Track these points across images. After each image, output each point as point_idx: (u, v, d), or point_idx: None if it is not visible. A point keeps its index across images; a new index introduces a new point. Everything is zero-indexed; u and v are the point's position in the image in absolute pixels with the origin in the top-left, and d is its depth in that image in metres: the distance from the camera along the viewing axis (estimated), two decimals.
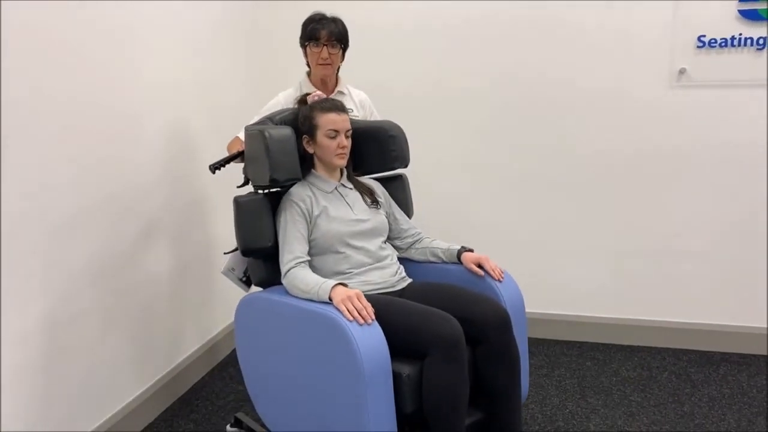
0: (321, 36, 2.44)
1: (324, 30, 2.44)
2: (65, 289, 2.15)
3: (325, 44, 2.45)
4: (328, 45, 2.45)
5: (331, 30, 2.45)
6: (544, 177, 3.20)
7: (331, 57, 2.47)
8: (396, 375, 1.80)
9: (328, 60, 2.47)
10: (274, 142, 2.00)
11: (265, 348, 2.07)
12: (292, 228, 2.06)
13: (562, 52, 3.06)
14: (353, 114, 2.41)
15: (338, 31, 2.46)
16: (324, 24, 2.45)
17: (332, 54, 2.47)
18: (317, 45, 2.46)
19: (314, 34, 2.45)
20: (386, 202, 2.34)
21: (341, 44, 2.49)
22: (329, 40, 2.45)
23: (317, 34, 2.44)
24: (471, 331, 1.91)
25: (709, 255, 3.09)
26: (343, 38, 2.49)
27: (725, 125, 2.95)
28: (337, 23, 2.48)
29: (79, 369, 2.24)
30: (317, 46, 2.46)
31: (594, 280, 3.27)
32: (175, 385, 2.79)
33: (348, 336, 1.73)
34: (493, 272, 2.15)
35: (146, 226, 2.57)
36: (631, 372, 2.95)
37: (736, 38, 2.85)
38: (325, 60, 2.47)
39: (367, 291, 2.04)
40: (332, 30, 2.45)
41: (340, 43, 2.48)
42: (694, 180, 3.03)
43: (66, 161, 2.12)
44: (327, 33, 2.44)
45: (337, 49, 2.48)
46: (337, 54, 2.50)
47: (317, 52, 2.46)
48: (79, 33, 2.16)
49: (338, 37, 2.46)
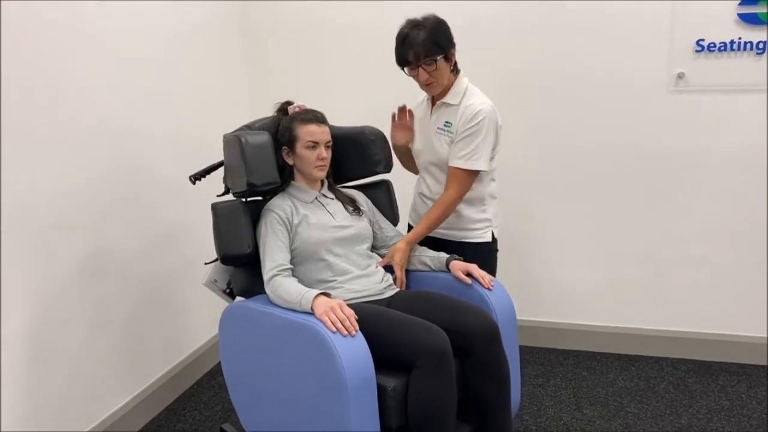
0: (410, 59, 2.14)
1: (412, 51, 2.12)
2: (50, 293, 2.12)
3: (419, 66, 2.15)
4: (422, 65, 2.14)
5: (419, 48, 2.11)
6: (539, 182, 3.15)
7: (431, 76, 2.16)
8: (381, 388, 1.76)
9: (429, 80, 2.18)
10: (249, 147, 1.96)
11: (249, 358, 2.03)
12: (273, 237, 2.02)
13: (558, 55, 3.00)
14: (449, 130, 2.23)
15: (427, 42, 2.11)
16: (409, 42, 2.13)
17: (431, 72, 2.15)
18: (412, 69, 2.18)
19: (404, 59, 2.17)
20: (370, 211, 2.30)
21: (438, 55, 2.14)
22: (421, 60, 2.13)
23: (406, 57, 2.15)
24: (459, 343, 1.86)
25: (709, 262, 3.03)
26: (437, 46, 2.13)
27: (724, 131, 2.88)
28: (425, 30, 2.12)
29: (63, 376, 2.21)
30: (412, 68, 2.17)
31: (591, 288, 3.21)
32: (163, 393, 2.74)
33: (330, 348, 1.69)
34: (482, 280, 2.09)
35: (135, 231, 2.53)
36: (628, 382, 2.89)
37: (735, 42, 2.79)
38: (425, 81, 2.19)
39: (351, 299, 1.99)
40: (418, 46, 2.11)
41: (436, 54, 2.13)
42: (692, 186, 2.97)
43: (51, 164, 2.09)
44: (415, 53, 2.12)
45: (433, 66, 2.14)
46: (436, 70, 2.16)
47: (415, 76, 2.20)
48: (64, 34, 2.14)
49: (430, 52, 2.12)
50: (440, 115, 2.28)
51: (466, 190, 2.25)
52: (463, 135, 2.19)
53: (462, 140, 2.19)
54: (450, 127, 2.23)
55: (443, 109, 2.27)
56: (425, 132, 2.34)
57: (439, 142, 2.27)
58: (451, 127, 2.23)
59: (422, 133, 2.36)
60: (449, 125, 2.24)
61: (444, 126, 2.25)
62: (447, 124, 2.25)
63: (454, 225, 2.33)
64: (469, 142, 2.18)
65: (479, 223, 2.34)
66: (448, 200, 2.24)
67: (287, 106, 2.21)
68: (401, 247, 2.24)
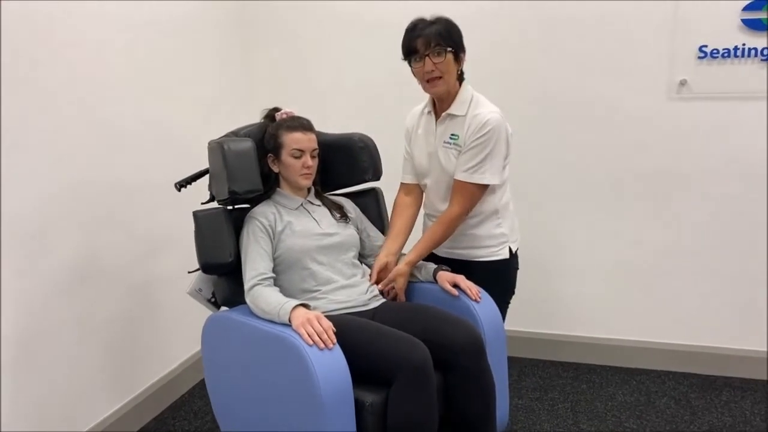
0: (418, 46, 1.98)
1: (421, 38, 1.96)
2: (34, 302, 2.10)
3: (427, 55, 1.98)
4: (430, 54, 1.98)
5: (429, 35, 1.95)
6: (536, 192, 3.09)
7: (437, 68, 1.99)
8: (358, 403, 1.71)
9: (434, 72, 2.00)
10: (231, 154, 1.93)
11: (230, 369, 1.99)
12: (255, 245, 1.98)
13: (556, 62, 2.95)
14: (456, 142, 2.09)
15: (440, 31, 1.96)
16: (419, 30, 1.98)
17: (437, 63, 1.98)
18: (418, 59, 2.01)
19: (411, 47, 2.00)
20: (357, 218, 2.25)
21: (448, 46, 1.98)
22: (430, 48, 1.97)
23: (414, 45, 1.99)
24: (443, 356, 1.81)
25: (712, 274, 2.94)
26: (449, 38, 1.98)
27: (728, 139, 2.81)
28: (440, 23, 1.99)
29: (48, 384, 2.18)
30: (418, 60, 2.01)
31: (591, 299, 3.13)
32: (152, 403, 2.70)
33: (306, 361, 1.64)
34: (469, 291, 2.04)
35: (125, 236, 2.51)
36: (627, 396, 2.82)
37: (739, 48, 2.71)
38: (430, 73, 2.00)
39: (334, 310, 1.95)
40: (431, 34, 1.95)
41: (447, 45, 1.97)
42: (694, 196, 2.90)
43: (36, 170, 2.08)
44: (424, 40, 1.96)
45: (442, 56, 1.98)
46: (445, 62, 1.99)
47: (420, 68, 2.01)
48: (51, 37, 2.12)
49: (441, 40, 1.96)
50: (446, 127, 2.12)
51: (471, 205, 2.11)
52: (470, 146, 2.05)
53: (468, 152, 2.05)
54: (457, 140, 2.08)
55: (449, 122, 2.12)
56: (429, 146, 2.18)
57: (446, 156, 2.12)
58: (458, 139, 2.08)
59: (426, 148, 2.20)
60: (456, 137, 2.09)
61: (450, 139, 2.10)
62: (453, 137, 2.09)
63: (464, 243, 2.19)
64: (475, 154, 2.04)
65: (494, 239, 2.18)
66: (451, 216, 2.10)
67: (275, 113, 2.18)
68: (404, 270, 2.12)
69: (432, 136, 2.18)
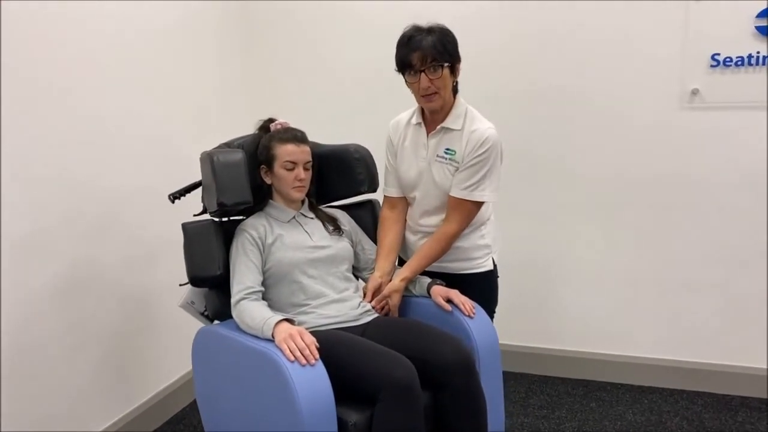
0: (414, 61, 1.93)
1: (416, 52, 1.91)
2: (25, 313, 2.09)
3: (422, 70, 1.94)
4: (426, 70, 1.93)
5: (425, 49, 1.90)
6: (544, 202, 3.01)
7: (433, 84, 1.94)
8: (342, 423, 1.66)
9: (430, 89, 1.95)
10: (221, 165, 1.92)
11: (217, 382, 1.96)
12: (244, 258, 1.95)
13: (566, 69, 2.88)
14: (452, 158, 2.03)
15: (436, 45, 1.91)
16: (415, 43, 1.92)
17: (434, 80, 1.93)
18: (412, 74, 1.95)
19: (405, 61, 1.94)
20: (352, 231, 2.21)
21: (445, 61, 1.93)
22: (426, 63, 1.92)
23: (409, 59, 1.93)
24: (432, 374, 1.76)
25: (728, 288, 2.83)
26: (444, 52, 1.92)
27: (740, 149, 2.71)
28: (435, 34, 1.93)
29: (39, 399, 2.16)
30: (413, 75, 1.95)
31: (602, 315, 3.04)
32: (151, 417, 2.68)
33: (286, 377, 1.61)
34: (463, 307, 1.98)
35: (119, 247, 2.50)
36: (638, 416, 2.72)
37: (753, 56, 2.62)
38: (426, 90, 1.96)
39: (323, 325, 1.91)
40: (427, 47, 1.90)
41: (443, 60, 1.92)
42: (709, 208, 2.80)
43: (26, 177, 2.07)
44: (420, 55, 1.91)
45: (438, 72, 1.93)
46: (441, 78, 1.94)
47: (415, 83, 1.96)
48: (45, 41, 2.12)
49: (437, 55, 1.91)
50: (440, 141, 2.06)
51: (468, 222, 2.07)
52: (469, 164, 2.00)
53: (468, 169, 2.00)
54: (454, 155, 2.03)
55: (443, 135, 2.06)
56: (420, 160, 2.11)
57: (441, 171, 2.06)
58: (455, 155, 2.02)
59: (416, 162, 2.12)
60: (452, 153, 2.03)
61: (446, 153, 2.04)
62: (449, 152, 2.04)
63: (451, 256, 2.13)
64: (475, 172, 2.00)
65: (479, 250, 2.16)
66: (449, 233, 2.05)
67: (269, 124, 2.16)
68: (398, 287, 2.07)
69: (423, 149, 2.11)
